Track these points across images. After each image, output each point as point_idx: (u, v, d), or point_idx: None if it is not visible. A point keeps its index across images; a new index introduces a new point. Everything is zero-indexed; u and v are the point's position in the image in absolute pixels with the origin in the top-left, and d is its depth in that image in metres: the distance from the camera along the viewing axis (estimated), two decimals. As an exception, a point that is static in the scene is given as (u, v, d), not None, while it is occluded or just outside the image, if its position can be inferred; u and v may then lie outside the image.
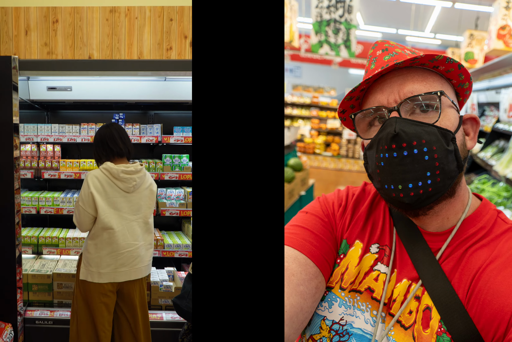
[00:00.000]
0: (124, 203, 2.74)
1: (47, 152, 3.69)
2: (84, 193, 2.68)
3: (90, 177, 2.69)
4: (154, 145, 3.89)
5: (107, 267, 2.69)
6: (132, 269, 2.75)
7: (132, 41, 3.03)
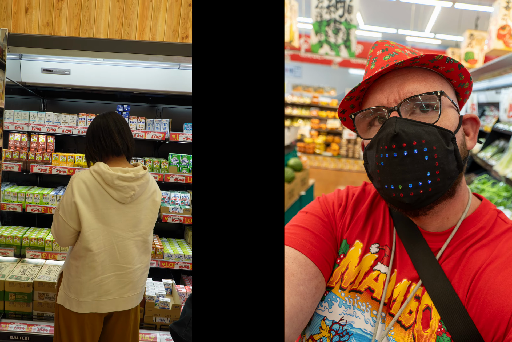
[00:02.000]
0: (117, 217, 2.19)
1: (38, 144, 3.27)
2: (67, 201, 2.13)
3: (76, 181, 2.14)
4: (160, 143, 3.50)
5: (89, 294, 2.17)
6: (120, 297, 2.23)
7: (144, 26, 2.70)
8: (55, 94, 3.55)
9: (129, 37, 2.69)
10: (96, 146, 2.21)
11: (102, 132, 2.20)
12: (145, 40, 2.67)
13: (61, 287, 2.24)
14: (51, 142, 3.30)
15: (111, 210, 2.18)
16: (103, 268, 2.18)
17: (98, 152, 2.21)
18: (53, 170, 3.17)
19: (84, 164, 3.12)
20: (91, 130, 2.24)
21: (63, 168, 3.18)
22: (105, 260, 2.18)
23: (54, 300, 2.76)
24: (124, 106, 3.32)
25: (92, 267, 2.16)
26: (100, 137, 2.19)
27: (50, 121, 3.22)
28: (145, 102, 3.55)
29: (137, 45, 2.61)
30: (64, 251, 3.11)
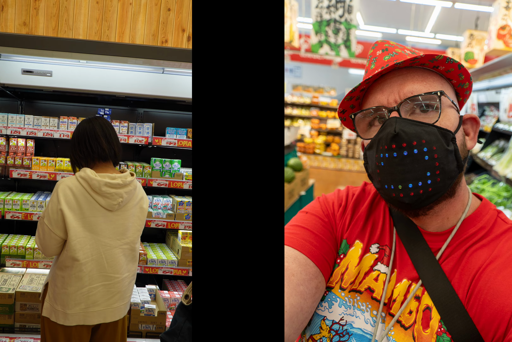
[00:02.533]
0: (104, 224, 2.13)
1: (17, 148, 3.13)
2: (52, 208, 2.05)
3: (62, 188, 2.07)
4: (142, 147, 3.45)
5: (76, 306, 2.09)
6: (108, 308, 2.17)
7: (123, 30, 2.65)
8: (34, 97, 3.44)
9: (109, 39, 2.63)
10: (82, 151, 2.15)
11: (89, 137, 2.14)
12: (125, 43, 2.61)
13: (46, 298, 2.16)
14: (31, 146, 3.18)
15: (98, 218, 2.12)
16: (90, 278, 2.11)
17: (84, 158, 2.15)
18: (34, 175, 3.04)
19: (65, 168, 3.08)
20: (77, 135, 2.18)
21: (43, 173, 3.05)
22: (93, 269, 2.12)
23: (37, 311, 2.72)
24: (106, 109, 3.26)
25: (79, 277, 2.09)
26: (86, 143, 2.14)
27: (30, 125, 3.11)
28: (126, 105, 3.50)
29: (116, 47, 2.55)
30: (46, 259, 2.99)
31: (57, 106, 3.45)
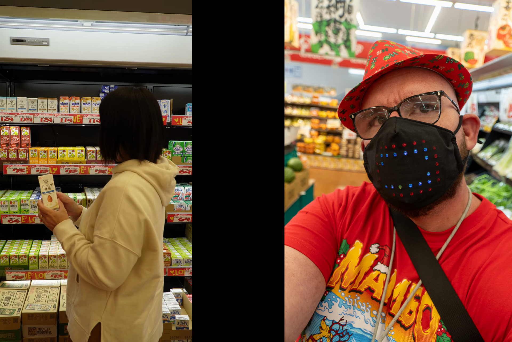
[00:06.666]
0: (162, 228, 1.73)
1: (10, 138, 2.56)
2: (130, 221, 1.50)
3: (133, 191, 1.52)
4: None
5: (156, 323, 1.70)
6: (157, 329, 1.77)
7: None
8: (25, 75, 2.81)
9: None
10: (142, 139, 1.60)
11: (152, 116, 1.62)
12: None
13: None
14: (27, 135, 2.61)
15: (161, 220, 1.69)
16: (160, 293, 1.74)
17: (143, 147, 1.60)
18: (33, 169, 2.51)
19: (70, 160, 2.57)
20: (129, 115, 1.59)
21: (44, 166, 2.51)
22: None
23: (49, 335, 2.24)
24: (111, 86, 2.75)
25: (160, 296, 1.73)
26: (148, 126, 1.61)
27: (24, 109, 2.53)
28: (134, 81, 2.95)
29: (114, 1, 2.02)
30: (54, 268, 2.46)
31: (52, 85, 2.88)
